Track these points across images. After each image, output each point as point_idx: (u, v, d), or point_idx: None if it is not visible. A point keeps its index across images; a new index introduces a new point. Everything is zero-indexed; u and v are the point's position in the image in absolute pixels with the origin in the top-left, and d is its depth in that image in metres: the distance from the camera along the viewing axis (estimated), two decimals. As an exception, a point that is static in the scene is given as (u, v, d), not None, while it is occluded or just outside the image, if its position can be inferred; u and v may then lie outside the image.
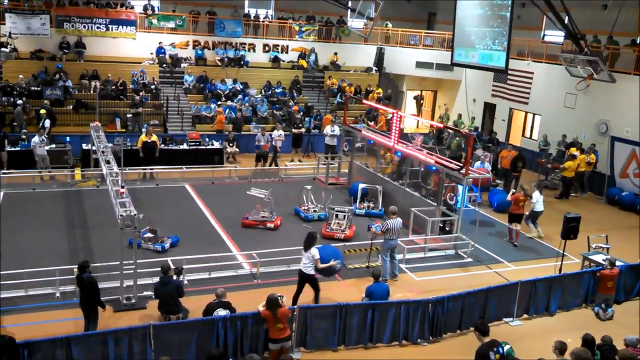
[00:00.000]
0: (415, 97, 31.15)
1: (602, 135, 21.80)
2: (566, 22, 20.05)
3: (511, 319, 11.83)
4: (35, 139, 18.80)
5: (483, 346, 8.29)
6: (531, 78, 25.28)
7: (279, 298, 9.28)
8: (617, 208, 19.96)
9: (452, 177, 15.08)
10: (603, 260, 13.04)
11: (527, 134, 26.36)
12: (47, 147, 19.04)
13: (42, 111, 20.98)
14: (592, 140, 21.81)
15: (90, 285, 10.02)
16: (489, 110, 28.05)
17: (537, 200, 16.22)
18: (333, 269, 11.59)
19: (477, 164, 19.16)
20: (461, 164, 15.09)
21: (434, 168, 16.01)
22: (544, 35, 27.91)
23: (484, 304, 11.35)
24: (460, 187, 14.88)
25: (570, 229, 13.18)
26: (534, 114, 25.85)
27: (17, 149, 19.41)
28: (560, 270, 13.37)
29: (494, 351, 8.19)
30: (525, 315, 12.07)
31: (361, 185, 17.82)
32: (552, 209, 18.80)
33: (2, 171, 18.30)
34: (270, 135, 21.89)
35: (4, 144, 18.98)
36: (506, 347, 8.60)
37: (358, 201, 17.53)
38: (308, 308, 10.14)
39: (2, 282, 11.05)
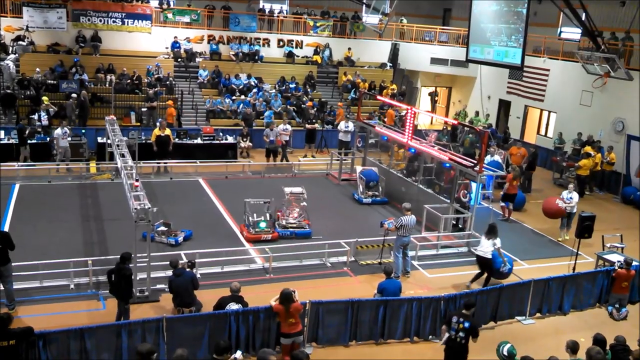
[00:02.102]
0: (430, 94, 31.05)
1: (618, 133, 21.59)
2: (583, 18, 19.85)
3: (524, 317, 11.78)
4: (58, 130, 19.07)
5: (454, 312, 9.43)
6: (547, 75, 25.07)
7: (292, 293, 9.32)
8: (632, 207, 19.75)
9: (466, 174, 15.01)
10: (619, 261, 12.93)
11: (542, 131, 26.17)
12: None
13: (45, 98, 21.28)
14: (608, 139, 21.63)
15: (127, 277, 10.13)
16: (504, 107, 27.88)
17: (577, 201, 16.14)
18: (499, 270, 12.67)
19: (487, 157, 19.08)
20: (475, 161, 15.03)
21: (447, 165, 15.95)
22: (561, 32, 27.64)
23: (496, 302, 11.31)
24: (473, 184, 14.81)
25: (585, 228, 13.07)
26: (549, 112, 25.65)
27: (33, 141, 19.59)
28: (574, 269, 13.28)
29: (459, 320, 9.06)
30: (538, 314, 12.01)
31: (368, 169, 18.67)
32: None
33: (18, 163, 18.50)
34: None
35: (25, 139, 19.19)
36: (507, 346, 8.55)
37: (362, 189, 17.94)
38: (320, 303, 10.15)
39: (17, 273, 11.15)
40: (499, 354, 8.53)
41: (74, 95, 22.24)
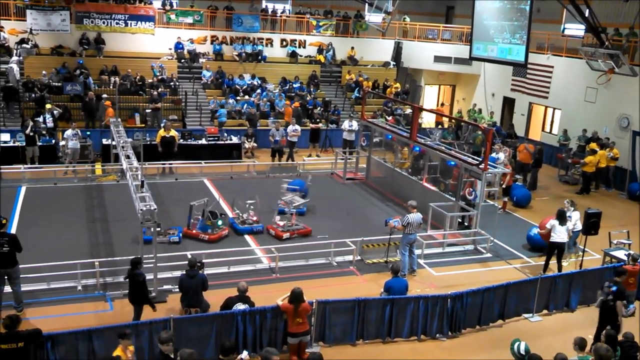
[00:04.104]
0: (442, 104, 31.21)
1: (623, 129, 21.52)
2: (587, 14, 19.78)
3: (531, 314, 11.75)
4: (69, 132, 19.21)
5: (608, 278, 10.76)
6: (551, 72, 25.01)
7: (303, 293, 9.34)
8: (638, 203, 19.66)
9: (471, 172, 14.99)
10: (625, 254, 12.89)
11: (547, 128, 26.10)
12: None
13: (48, 106, 21.34)
14: (613, 135, 21.55)
15: (139, 283, 10.11)
16: (508, 104, 27.83)
17: (577, 220, 14.08)
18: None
19: (492, 155, 19.01)
20: (480, 159, 15.00)
21: (452, 163, 15.93)
22: (564, 28, 27.55)
23: (503, 300, 11.29)
24: (479, 182, 14.79)
25: (591, 224, 13.06)
26: (554, 109, 25.58)
27: (39, 144, 19.59)
28: (580, 266, 13.27)
29: (609, 285, 10.24)
30: (545, 311, 11.98)
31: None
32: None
33: (24, 166, 18.56)
34: (285, 130, 21.89)
35: (35, 139, 19.26)
36: (522, 344, 8.51)
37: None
38: (326, 302, 10.16)
39: (24, 276, 11.18)
40: (513, 352, 8.49)
41: (104, 95, 22.52)
